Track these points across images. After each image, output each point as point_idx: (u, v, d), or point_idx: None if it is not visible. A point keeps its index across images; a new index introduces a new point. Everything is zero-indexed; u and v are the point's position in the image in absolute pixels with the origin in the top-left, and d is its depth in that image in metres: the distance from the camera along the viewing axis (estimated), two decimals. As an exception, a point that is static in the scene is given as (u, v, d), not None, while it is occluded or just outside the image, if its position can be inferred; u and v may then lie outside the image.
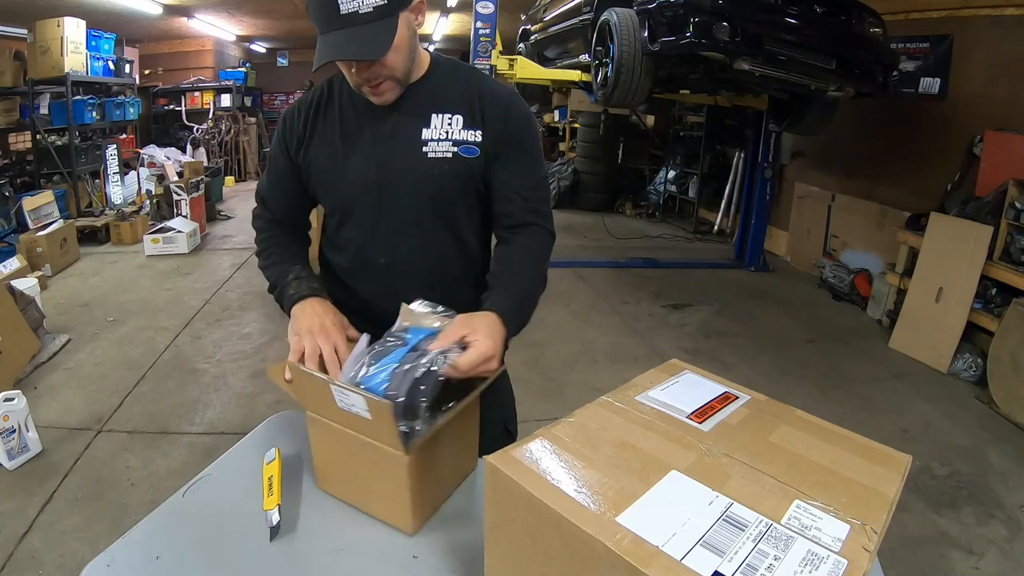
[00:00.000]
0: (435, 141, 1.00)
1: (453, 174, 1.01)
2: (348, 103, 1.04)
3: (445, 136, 1.00)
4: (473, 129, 1.01)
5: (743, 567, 0.51)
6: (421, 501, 0.84)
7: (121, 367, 3.08)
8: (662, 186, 7.23)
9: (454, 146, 1.00)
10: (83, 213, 5.75)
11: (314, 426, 0.88)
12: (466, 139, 1.00)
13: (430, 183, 1.01)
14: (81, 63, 5.73)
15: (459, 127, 1.00)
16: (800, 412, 0.78)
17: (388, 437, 0.78)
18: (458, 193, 1.03)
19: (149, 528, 0.86)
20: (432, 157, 1.00)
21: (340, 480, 0.90)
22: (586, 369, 3.27)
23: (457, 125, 1.00)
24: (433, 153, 1.00)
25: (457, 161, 1.00)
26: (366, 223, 1.05)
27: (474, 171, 1.02)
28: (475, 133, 1.01)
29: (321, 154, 1.04)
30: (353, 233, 1.08)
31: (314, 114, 1.05)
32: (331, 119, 1.05)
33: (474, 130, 1.01)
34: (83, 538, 1.90)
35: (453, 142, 1.00)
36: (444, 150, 1.00)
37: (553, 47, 5.12)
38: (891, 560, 1.91)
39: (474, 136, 1.01)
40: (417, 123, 1.01)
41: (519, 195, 1.03)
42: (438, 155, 1.00)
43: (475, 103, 1.02)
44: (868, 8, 3.32)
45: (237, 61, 10.26)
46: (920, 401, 3.02)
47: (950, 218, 3.49)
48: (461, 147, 1.00)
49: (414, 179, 1.01)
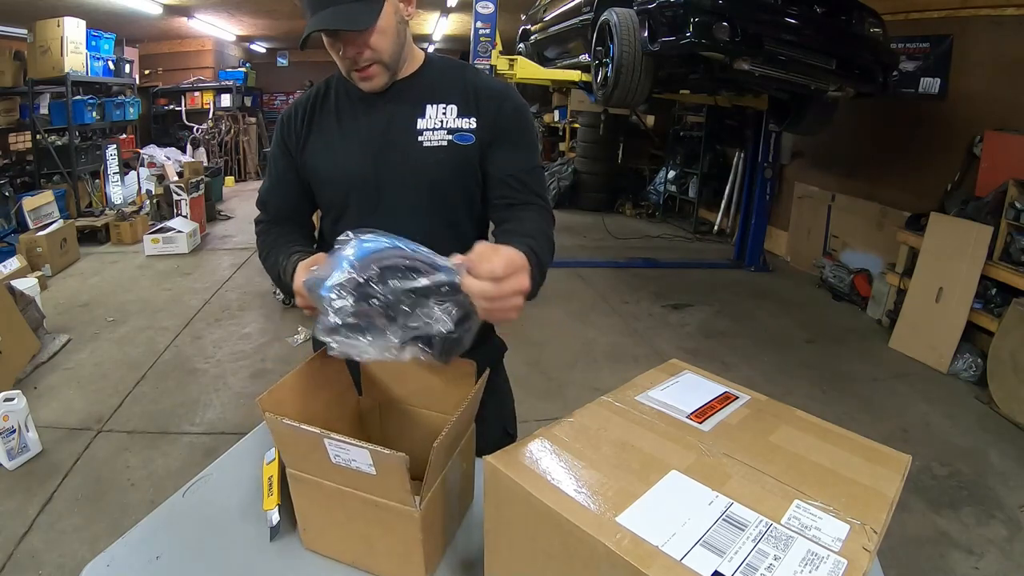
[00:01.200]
0: (430, 131, 1.01)
1: (449, 162, 1.01)
2: (344, 97, 1.06)
3: (440, 125, 1.01)
4: (467, 117, 1.01)
5: (743, 567, 0.51)
6: (433, 551, 0.78)
7: (121, 367, 3.08)
8: (662, 186, 7.23)
9: (449, 134, 1.01)
10: (83, 213, 5.75)
11: (299, 485, 0.79)
12: (460, 127, 1.01)
13: (426, 172, 1.01)
14: (81, 63, 5.73)
15: (453, 115, 1.01)
16: (800, 412, 0.78)
17: (397, 493, 0.71)
18: (455, 182, 1.04)
19: (149, 528, 0.86)
20: (428, 146, 1.01)
21: (335, 540, 0.81)
22: (586, 369, 3.27)
23: (451, 114, 1.01)
24: (428, 142, 1.01)
25: (452, 149, 1.01)
26: (363, 214, 1.04)
27: (470, 159, 1.02)
28: (469, 121, 1.01)
29: (319, 147, 1.06)
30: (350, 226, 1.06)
31: (311, 110, 1.07)
32: (328, 112, 1.06)
33: (468, 118, 1.01)
34: (83, 538, 1.90)
35: (448, 130, 1.01)
36: (439, 139, 1.01)
37: (553, 47, 5.12)
38: (891, 560, 1.91)
39: (468, 123, 1.01)
40: (412, 113, 1.02)
41: (516, 178, 1.03)
42: (433, 144, 1.00)
43: (469, 94, 1.03)
44: (868, 8, 3.32)
45: (237, 61, 10.26)
46: (920, 401, 3.02)
47: (950, 218, 3.49)
48: (456, 135, 1.01)
49: (410, 168, 1.01)
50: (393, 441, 0.97)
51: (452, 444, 0.79)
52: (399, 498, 0.72)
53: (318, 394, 0.89)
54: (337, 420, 0.92)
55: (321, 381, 0.90)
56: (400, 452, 0.67)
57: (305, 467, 0.77)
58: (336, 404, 0.93)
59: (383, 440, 0.98)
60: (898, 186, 4.33)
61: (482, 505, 0.68)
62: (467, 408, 0.79)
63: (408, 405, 0.96)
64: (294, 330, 3.51)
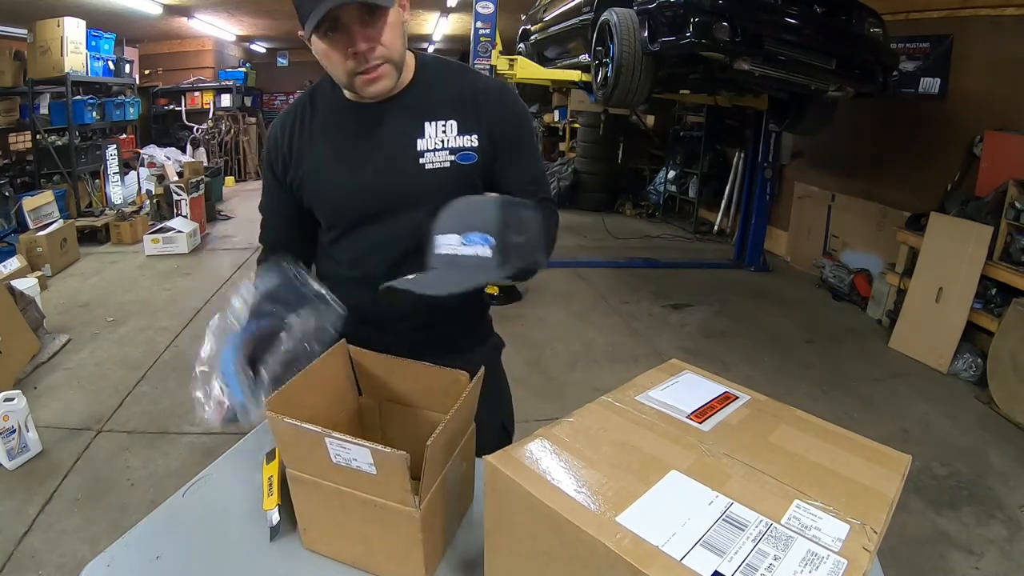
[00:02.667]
0: (431, 151, 0.97)
1: (453, 184, 0.96)
2: (332, 116, 1.00)
3: (441, 145, 0.97)
4: (468, 134, 0.98)
5: (743, 567, 0.51)
6: (433, 551, 0.78)
7: (121, 367, 3.08)
8: (662, 186, 7.23)
9: (451, 154, 0.97)
10: (83, 213, 5.75)
11: (298, 485, 0.79)
12: (463, 145, 0.98)
13: (429, 196, 0.93)
14: (81, 63, 5.73)
15: (454, 133, 0.98)
16: (800, 412, 0.78)
17: (397, 492, 0.71)
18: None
19: (149, 528, 0.86)
20: (430, 169, 0.97)
21: (334, 540, 0.81)
22: (586, 369, 3.27)
23: (452, 132, 0.98)
24: (431, 164, 0.97)
25: (455, 170, 0.98)
26: (361, 238, 1.02)
27: (473, 177, 0.99)
28: (471, 138, 0.98)
29: (310, 171, 1.00)
30: (347, 247, 1.05)
31: (298, 129, 1.01)
32: (317, 133, 1.00)
33: (469, 135, 0.98)
34: (83, 538, 1.90)
35: (450, 150, 0.97)
36: (441, 160, 0.97)
37: (553, 47, 5.11)
38: (891, 560, 1.91)
39: (470, 141, 0.98)
40: (410, 134, 0.97)
41: (523, 191, 1.00)
42: (435, 166, 0.97)
43: (468, 105, 0.99)
44: (868, 8, 3.32)
45: (237, 61, 10.26)
46: (920, 401, 3.02)
47: (950, 218, 3.49)
48: (458, 154, 0.97)
49: (414, 193, 0.97)
50: (394, 442, 0.97)
51: (450, 443, 0.79)
52: (399, 498, 0.72)
53: (320, 395, 0.89)
54: (338, 420, 0.92)
55: (324, 382, 0.90)
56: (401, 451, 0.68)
57: (305, 467, 0.77)
58: (337, 404, 0.94)
59: (384, 441, 0.98)
60: (898, 186, 4.33)
61: (482, 505, 0.68)
62: (463, 407, 0.79)
63: (408, 405, 0.96)
64: (294, 330, 3.51)
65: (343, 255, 1.07)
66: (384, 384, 0.96)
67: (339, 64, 0.91)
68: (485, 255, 0.78)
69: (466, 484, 0.89)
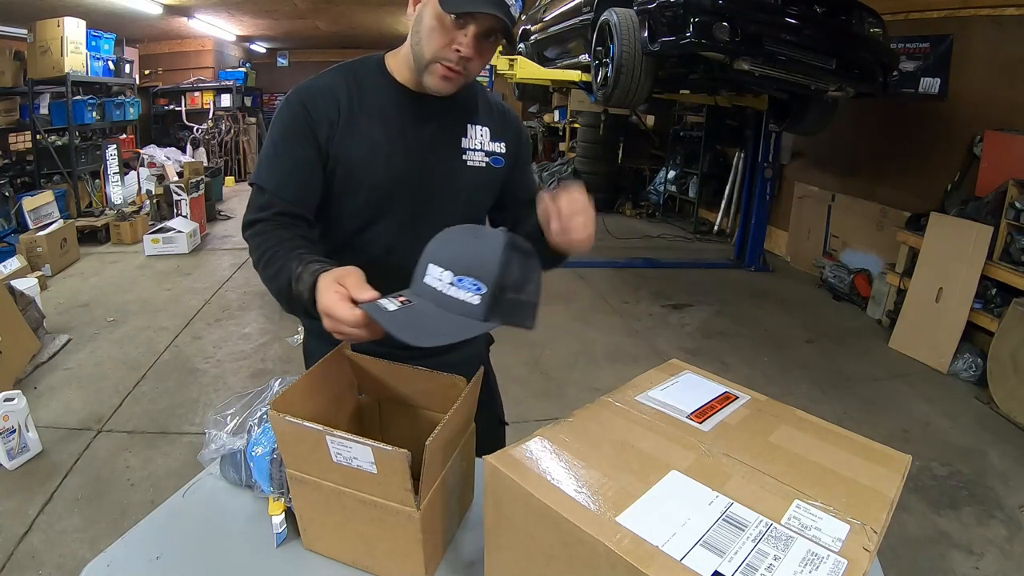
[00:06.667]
0: (472, 151, 1.06)
1: (485, 183, 1.08)
2: (388, 101, 1.01)
3: (479, 147, 1.07)
4: (498, 141, 1.08)
5: (743, 567, 0.51)
6: (433, 551, 0.78)
7: (121, 367, 3.08)
8: (662, 186, 7.23)
9: (486, 156, 1.07)
10: (83, 213, 5.75)
11: (299, 485, 0.79)
12: (495, 151, 1.08)
13: (467, 190, 1.06)
14: (81, 63, 5.73)
15: (488, 139, 1.08)
16: (800, 412, 0.78)
17: (398, 492, 0.70)
18: (484, 201, 1.11)
19: (149, 528, 0.86)
20: (471, 166, 1.06)
21: (335, 540, 0.80)
22: (586, 369, 3.26)
23: (486, 137, 1.07)
24: (472, 162, 1.06)
25: (488, 171, 1.08)
26: (401, 225, 1.02)
27: (498, 181, 1.10)
28: (500, 145, 1.09)
29: (360, 147, 0.98)
30: (382, 235, 1.03)
31: (346, 102, 0.98)
32: (370, 113, 0.99)
33: (499, 142, 1.08)
34: (83, 538, 1.90)
35: (485, 152, 1.07)
36: (479, 160, 1.07)
37: (553, 47, 5.11)
38: (891, 560, 1.91)
39: (500, 148, 1.08)
40: (457, 132, 1.05)
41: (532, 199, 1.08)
42: (475, 164, 1.06)
43: (496, 116, 1.10)
44: (868, 8, 3.32)
45: (237, 61, 10.26)
46: (920, 401, 3.02)
47: (950, 218, 3.49)
48: (492, 158, 1.08)
49: (454, 185, 1.05)
50: (393, 442, 0.97)
51: (450, 442, 0.79)
52: (399, 498, 0.72)
53: (321, 395, 0.89)
54: (338, 421, 0.92)
55: (325, 383, 0.90)
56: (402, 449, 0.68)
57: (306, 467, 0.77)
58: (336, 405, 0.94)
59: (383, 441, 0.98)
60: (898, 186, 4.33)
61: (482, 505, 0.68)
62: (462, 406, 0.79)
63: (408, 405, 0.96)
64: (294, 330, 3.51)
65: (366, 244, 1.03)
66: (383, 387, 0.96)
67: (438, 44, 0.92)
68: (472, 303, 0.72)
69: (466, 484, 0.89)
